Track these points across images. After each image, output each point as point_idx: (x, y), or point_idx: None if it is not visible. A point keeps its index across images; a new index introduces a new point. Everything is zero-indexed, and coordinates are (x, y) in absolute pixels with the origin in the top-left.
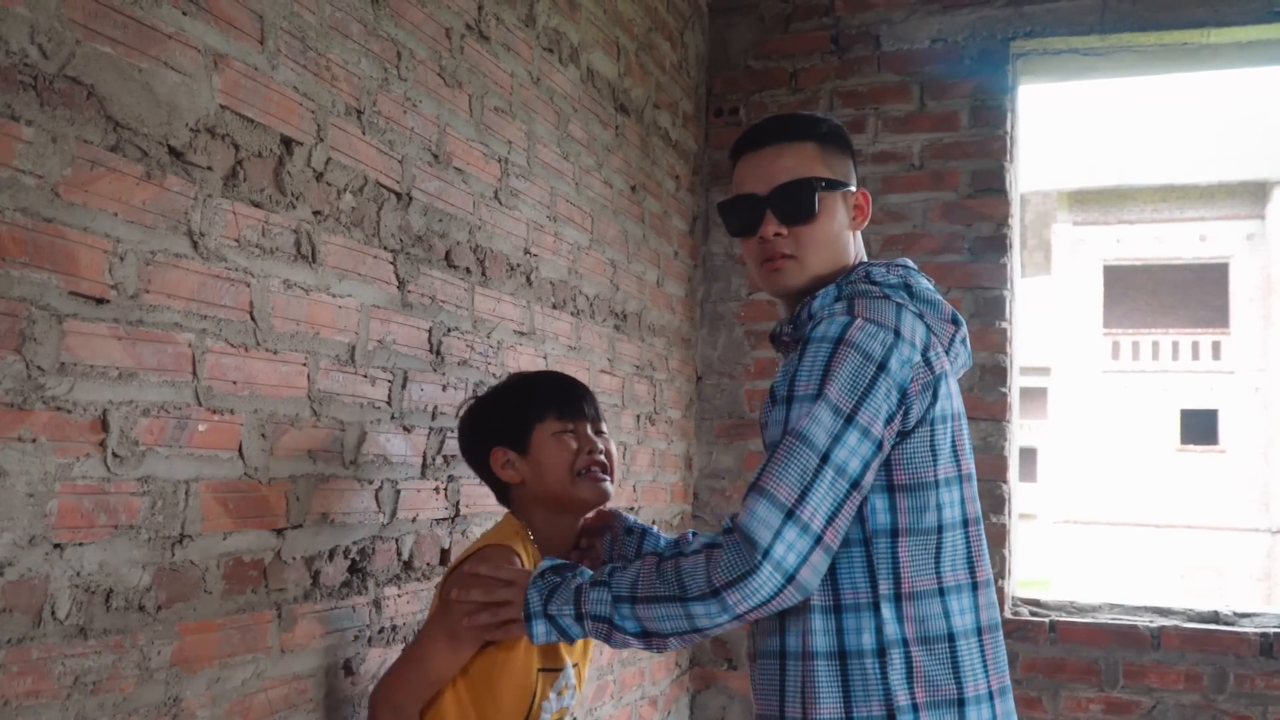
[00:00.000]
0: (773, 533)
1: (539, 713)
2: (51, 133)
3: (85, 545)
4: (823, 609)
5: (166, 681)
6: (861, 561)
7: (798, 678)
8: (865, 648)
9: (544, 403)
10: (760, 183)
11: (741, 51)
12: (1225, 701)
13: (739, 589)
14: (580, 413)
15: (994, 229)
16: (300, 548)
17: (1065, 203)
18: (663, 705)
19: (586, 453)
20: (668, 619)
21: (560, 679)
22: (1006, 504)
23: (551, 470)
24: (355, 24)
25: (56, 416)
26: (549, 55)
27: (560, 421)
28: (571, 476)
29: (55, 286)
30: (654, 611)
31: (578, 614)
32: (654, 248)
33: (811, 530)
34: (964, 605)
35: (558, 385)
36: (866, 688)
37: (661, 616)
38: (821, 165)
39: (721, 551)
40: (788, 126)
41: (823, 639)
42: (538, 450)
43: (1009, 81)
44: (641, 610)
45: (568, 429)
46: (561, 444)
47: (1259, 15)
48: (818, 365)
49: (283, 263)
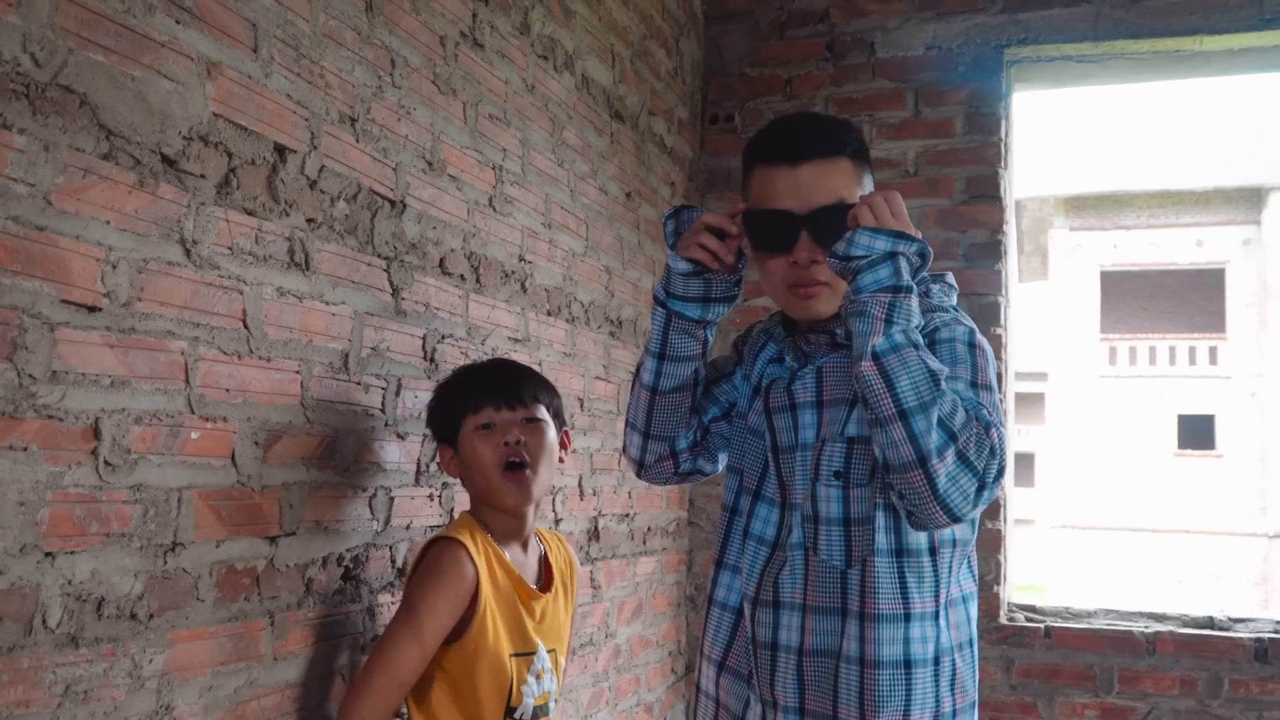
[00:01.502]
0: (993, 456)
1: (521, 698)
2: (44, 141)
3: (77, 554)
4: (890, 618)
5: (158, 690)
6: (930, 571)
7: (856, 683)
8: (927, 656)
9: (465, 396)
10: (797, 200)
11: (737, 58)
12: (1220, 707)
13: (973, 452)
14: (501, 402)
15: (989, 235)
16: (293, 555)
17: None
18: (659, 712)
19: (502, 446)
20: (912, 390)
21: (535, 662)
22: (1002, 509)
23: (476, 468)
24: (349, 32)
25: (48, 425)
26: (543, 63)
27: (479, 414)
28: (497, 475)
29: (47, 295)
30: (906, 367)
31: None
32: (649, 254)
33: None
34: (974, 612)
35: (482, 375)
36: (924, 696)
37: (905, 381)
38: (855, 183)
39: (978, 425)
40: (824, 140)
41: (888, 649)
42: (464, 449)
43: (1003, 88)
44: (904, 355)
45: (486, 423)
46: (481, 440)
47: (1251, 23)
48: (962, 357)
49: (276, 270)
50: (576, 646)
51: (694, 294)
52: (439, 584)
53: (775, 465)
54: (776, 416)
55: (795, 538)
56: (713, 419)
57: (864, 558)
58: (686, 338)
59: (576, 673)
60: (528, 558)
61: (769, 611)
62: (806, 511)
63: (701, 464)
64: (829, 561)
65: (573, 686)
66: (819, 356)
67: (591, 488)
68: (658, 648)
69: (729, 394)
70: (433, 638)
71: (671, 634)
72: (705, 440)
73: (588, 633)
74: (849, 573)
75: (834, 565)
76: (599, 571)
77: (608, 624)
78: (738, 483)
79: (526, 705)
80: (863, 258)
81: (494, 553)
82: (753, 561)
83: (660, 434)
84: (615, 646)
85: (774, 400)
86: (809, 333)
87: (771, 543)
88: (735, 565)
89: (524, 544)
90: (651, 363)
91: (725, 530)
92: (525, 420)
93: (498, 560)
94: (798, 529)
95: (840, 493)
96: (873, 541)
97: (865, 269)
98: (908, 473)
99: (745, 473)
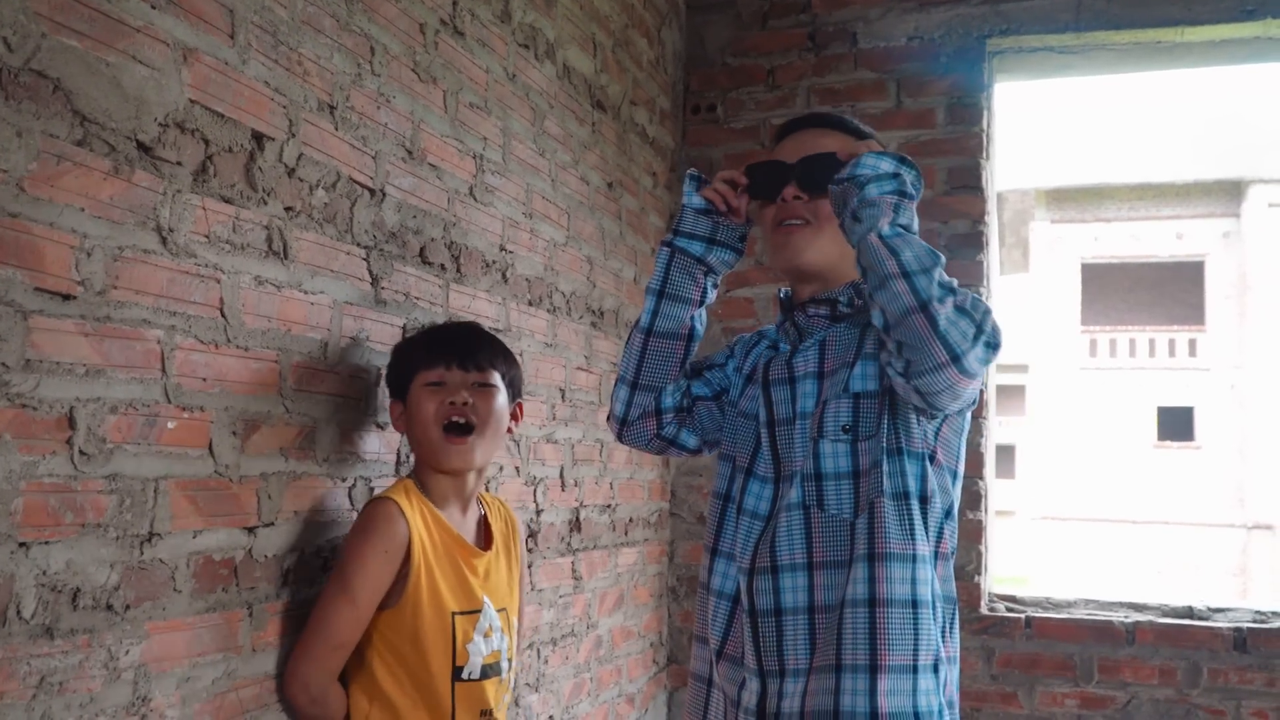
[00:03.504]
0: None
1: (466, 656)
2: (16, 126)
3: (51, 544)
4: (900, 558)
5: (135, 681)
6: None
7: (865, 625)
8: (930, 599)
9: (420, 351)
10: (790, 154)
11: (719, 48)
12: (1199, 696)
13: (969, 305)
14: (455, 362)
15: (970, 226)
16: (272, 546)
17: (1043, 201)
18: (640, 703)
19: (447, 404)
20: (922, 258)
21: (481, 620)
22: (983, 500)
23: (419, 423)
24: (328, 19)
25: (22, 414)
26: (524, 51)
27: (431, 370)
28: (438, 433)
29: (20, 282)
30: (912, 245)
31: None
32: (631, 245)
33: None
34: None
35: (442, 334)
36: (928, 638)
37: (919, 255)
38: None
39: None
40: (835, 120)
41: (899, 587)
42: (412, 403)
43: (985, 79)
44: (908, 239)
45: (437, 380)
46: (427, 395)
47: (1232, 14)
48: None
49: (254, 259)
50: (558, 637)
51: (701, 231)
52: (369, 540)
53: (770, 439)
54: (775, 389)
55: (794, 497)
56: (699, 397)
57: (871, 501)
58: (686, 278)
59: (558, 664)
60: (466, 519)
61: (767, 578)
62: (808, 471)
63: (684, 436)
64: (838, 515)
65: (554, 677)
66: (818, 331)
67: (573, 478)
68: (639, 639)
69: (720, 380)
70: (365, 595)
71: (653, 625)
72: (691, 410)
73: (569, 624)
74: (856, 521)
75: (843, 518)
76: (580, 562)
77: (589, 615)
78: (730, 468)
79: (474, 664)
80: (869, 175)
81: (429, 511)
82: (746, 535)
83: (648, 383)
84: (597, 637)
85: (774, 373)
86: (810, 304)
87: (765, 516)
88: (729, 552)
89: (463, 506)
90: (650, 301)
91: (719, 516)
92: (477, 384)
93: (434, 519)
94: (798, 488)
95: (849, 446)
96: (881, 485)
97: (872, 181)
98: (908, 317)
99: (737, 456)
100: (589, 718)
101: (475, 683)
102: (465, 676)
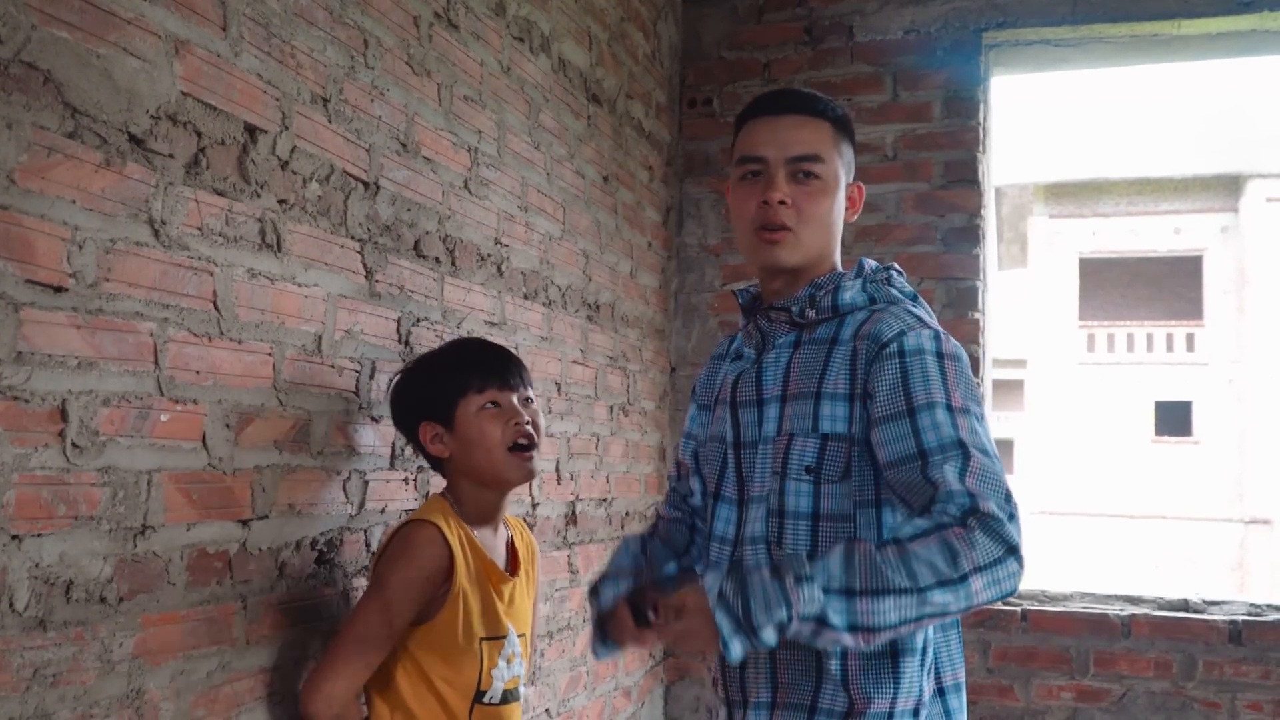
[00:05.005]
0: (1013, 523)
1: (491, 681)
2: (7, 119)
3: (44, 536)
4: None
5: (129, 674)
6: None
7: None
8: (915, 645)
9: (467, 375)
10: (774, 148)
11: (715, 42)
12: (1195, 688)
13: (988, 574)
14: (504, 383)
15: (967, 220)
16: (266, 539)
17: (1042, 196)
18: (636, 696)
19: (513, 425)
20: (895, 609)
21: (506, 646)
22: None
23: (480, 446)
24: (320, 11)
25: (13, 406)
26: (519, 44)
27: (483, 394)
28: (502, 453)
29: (11, 275)
30: (880, 605)
31: (788, 617)
32: (627, 239)
33: (1019, 520)
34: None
35: (480, 354)
36: (912, 682)
37: (888, 609)
38: (834, 149)
39: (974, 535)
40: (808, 101)
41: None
42: (464, 426)
43: (981, 72)
44: (862, 603)
45: (492, 401)
46: (488, 419)
47: (1228, 7)
48: (933, 377)
49: (247, 252)
50: (555, 630)
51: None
52: (412, 563)
53: (736, 460)
54: (743, 411)
55: (757, 530)
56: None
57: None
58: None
59: (554, 657)
60: (496, 541)
61: None
62: (772, 506)
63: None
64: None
65: (551, 670)
66: (779, 336)
67: (569, 472)
68: None
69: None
70: (402, 618)
71: None
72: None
73: (565, 617)
74: None
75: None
76: (577, 556)
77: (586, 608)
78: (701, 488)
79: (496, 689)
80: (746, 641)
81: (466, 535)
82: (717, 562)
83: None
84: None
85: (741, 394)
86: (770, 309)
87: (733, 540)
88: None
89: (495, 526)
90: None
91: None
92: (525, 400)
93: (470, 543)
94: (760, 522)
95: (811, 487)
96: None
97: (757, 636)
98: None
99: (706, 478)
100: (585, 711)
101: (495, 707)
102: (486, 701)
